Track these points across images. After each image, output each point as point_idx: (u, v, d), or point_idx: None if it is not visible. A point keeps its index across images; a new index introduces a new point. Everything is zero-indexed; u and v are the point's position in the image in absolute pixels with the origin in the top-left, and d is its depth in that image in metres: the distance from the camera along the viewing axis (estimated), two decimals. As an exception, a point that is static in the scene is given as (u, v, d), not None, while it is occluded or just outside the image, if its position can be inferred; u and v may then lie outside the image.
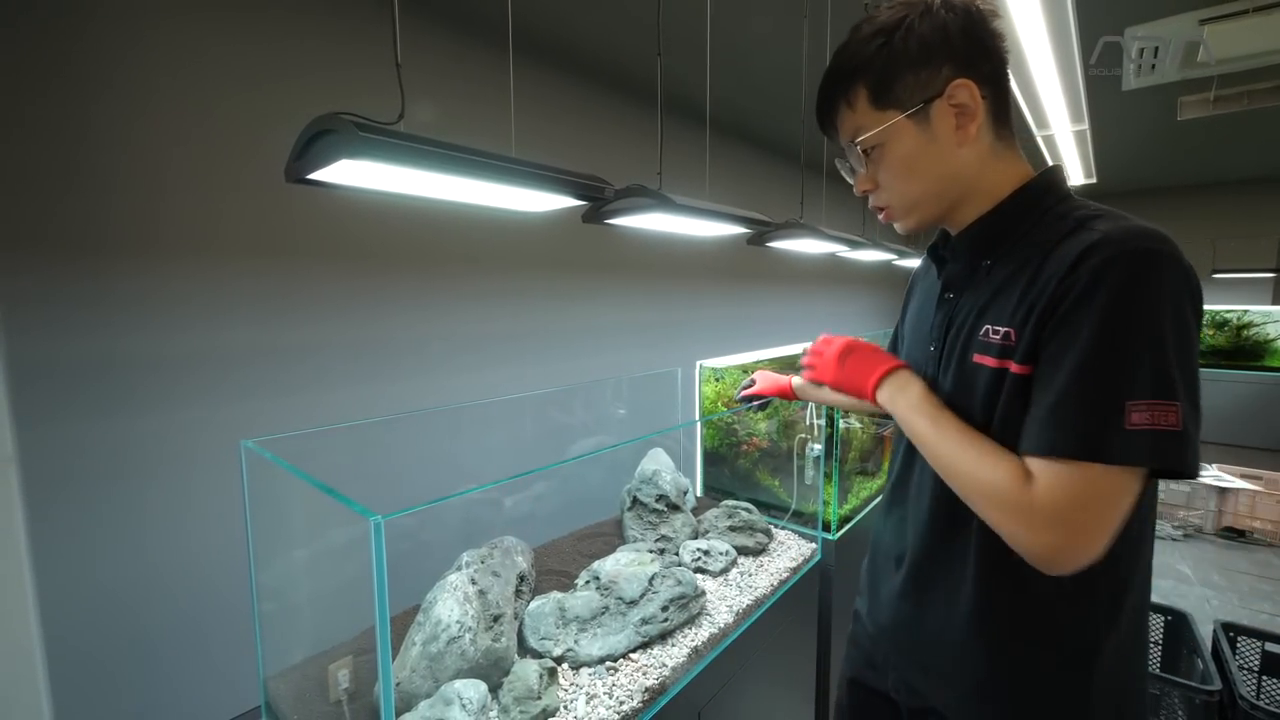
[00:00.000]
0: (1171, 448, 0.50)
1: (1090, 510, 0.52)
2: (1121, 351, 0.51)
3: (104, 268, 1.49)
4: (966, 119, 0.61)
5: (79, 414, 1.46)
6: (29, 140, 1.36)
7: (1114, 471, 0.51)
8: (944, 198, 0.66)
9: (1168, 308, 0.51)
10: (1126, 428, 0.50)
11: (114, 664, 1.51)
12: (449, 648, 0.92)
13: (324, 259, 1.86)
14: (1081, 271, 0.53)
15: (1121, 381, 0.51)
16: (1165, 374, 0.50)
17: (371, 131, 0.70)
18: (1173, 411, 0.50)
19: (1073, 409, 0.52)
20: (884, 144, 0.65)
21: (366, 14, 1.87)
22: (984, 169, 0.64)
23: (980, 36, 0.61)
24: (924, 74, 0.61)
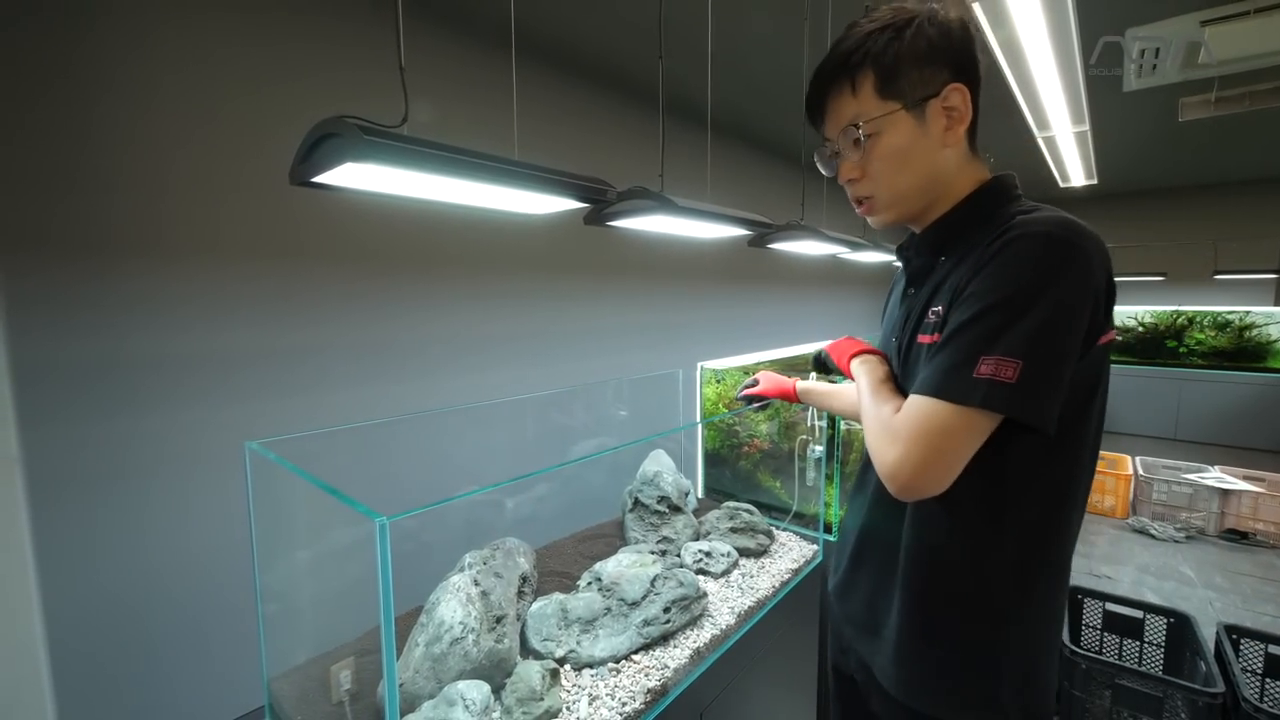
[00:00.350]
0: (1000, 396, 0.56)
1: (930, 439, 0.59)
2: (990, 313, 0.58)
3: (107, 268, 1.49)
4: (956, 121, 0.66)
5: (82, 414, 1.47)
6: (32, 141, 1.36)
7: (953, 409, 0.58)
8: (926, 193, 0.70)
9: (1043, 282, 0.57)
10: (973, 376, 0.57)
11: (117, 664, 1.51)
12: (452, 649, 0.93)
13: (326, 260, 1.87)
14: (991, 249, 0.61)
15: (983, 338, 0.58)
16: (1019, 337, 0.56)
17: (376, 135, 0.71)
18: (1013, 367, 0.56)
19: (943, 358, 0.60)
20: (881, 133, 0.68)
21: (369, 16, 1.88)
22: (959, 171, 0.70)
23: (973, 52, 0.67)
24: (928, 72, 0.65)
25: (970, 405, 0.57)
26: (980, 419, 0.58)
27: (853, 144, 0.70)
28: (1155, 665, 2.00)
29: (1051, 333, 0.57)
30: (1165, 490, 3.39)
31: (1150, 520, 3.36)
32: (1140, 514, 3.47)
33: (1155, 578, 2.81)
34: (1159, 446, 4.92)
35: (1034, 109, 3.47)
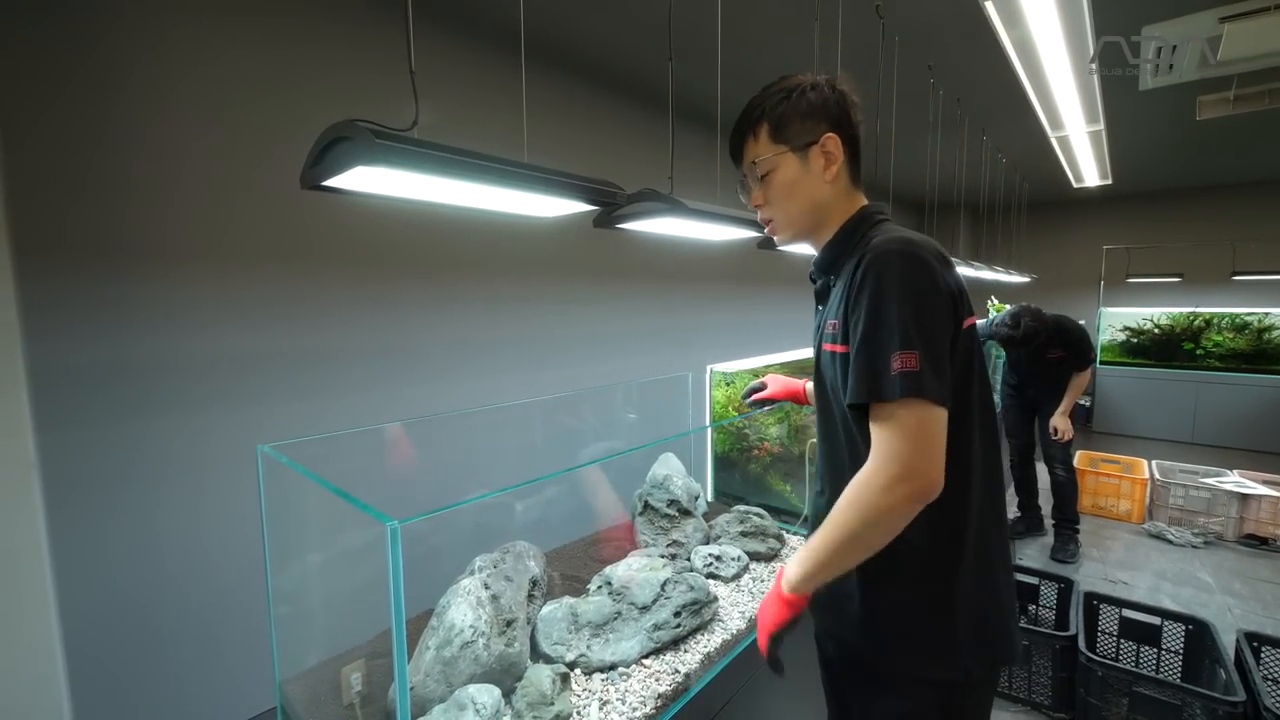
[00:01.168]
0: (915, 381, 0.69)
1: (905, 440, 0.70)
2: (880, 322, 0.72)
3: (120, 273, 1.51)
4: (831, 162, 0.84)
5: (96, 418, 1.48)
6: (46, 146, 1.38)
7: (897, 405, 0.70)
8: (813, 217, 0.87)
9: (902, 288, 0.72)
10: (890, 374, 0.70)
11: (130, 664, 1.52)
12: (462, 652, 0.93)
13: (335, 264, 1.88)
14: (859, 273, 0.76)
15: (883, 342, 0.72)
16: (906, 332, 0.71)
17: (387, 138, 0.71)
18: (914, 356, 0.70)
19: (861, 367, 0.73)
20: (775, 170, 0.86)
21: (378, 20, 1.89)
22: (838, 202, 0.87)
23: (847, 112, 0.85)
24: (809, 124, 0.84)
25: (898, 397, 0.70)
26: (919, 404, 0.70)
27: (757, 178, 0.88)
28: (1173, 673, 1.96)
29: (925, 321, 0.72)
30: (1183, 495, 3.33)
31: (1167, 525, 3.30)
32: (1157, 519, 3.41)
33: (1172, 584, 2.77)
34: (1176, 450, 4.84)
35: (1047, 109, 3.43)
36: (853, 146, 0.87)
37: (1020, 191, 5.34)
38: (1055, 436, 2.94)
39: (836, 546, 0.73)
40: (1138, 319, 5.53)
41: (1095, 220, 6.15)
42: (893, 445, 0.70)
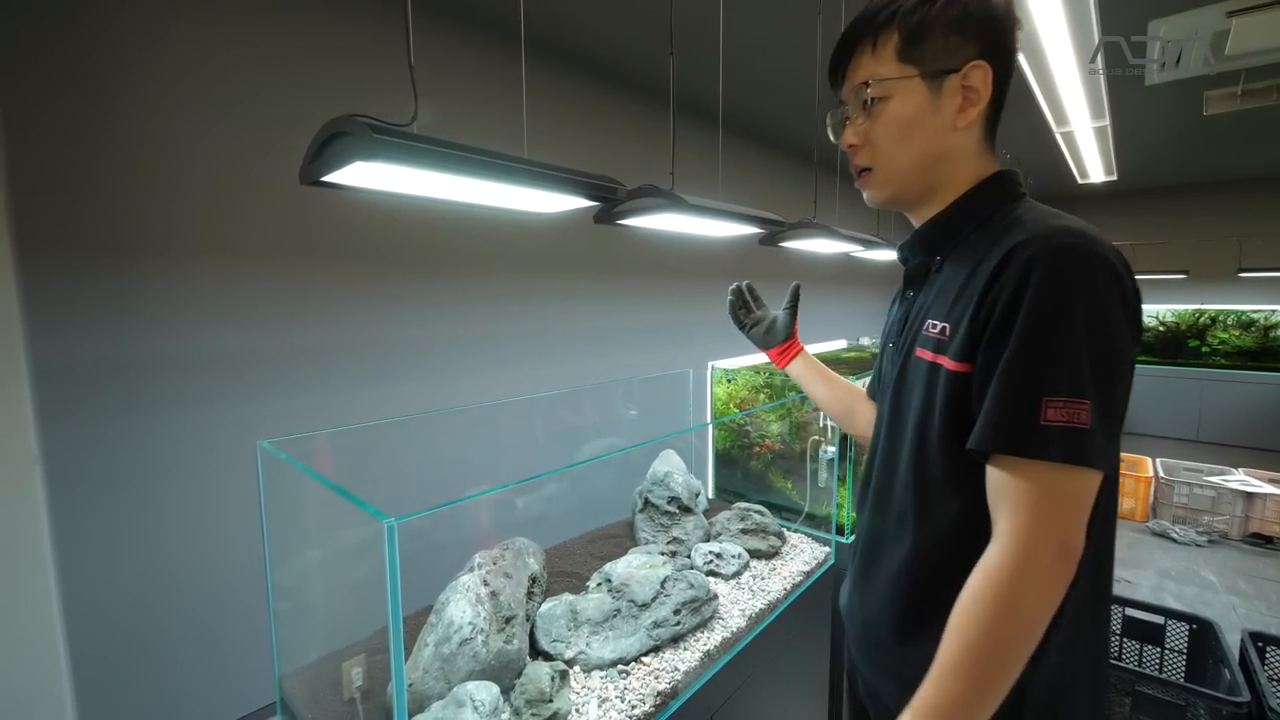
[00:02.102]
0: (1083, 444, 0.51)
1: (1059, 515, 0.53)
2: (1041, 350, 0.53)
3: (121, 269, 1.51)
4: (971, 103, 0.62)
5: (97, 413, 1.49)
6: (48, 142, 1.38)
7: (1050, 469, 0.52)
8: (926, 175, 0.66)
9: (1083, 306, 0.52)
10: (1044, 422, 0.52)
11: (132, 659, 1.53)
12: (461, 649, 0.92)
13: (335, 260, 1.88)
14: (1009, 272, 0.55)
15: (1042, 379, 0.52)
16: (1078, 371, 0.52)
17: (386, 133, 0.71)
18: (1084, 409, 0.51)
19: (1001, 405, 0.54)
20: (891, 97, 0.64)
21: (379, 14, 1.88)
22: (965, 160, 0.65)
23: (1009, 35, 0.63)
24: (954, 42, 0.61)
25: (1046, 459, 0.51)
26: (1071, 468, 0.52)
27: (861, 106, 0.66)
28: (1177, 673, 1.95)
29: (1108, 359, 0.53)
30: (1186, 493, 3.32)
31: (1171, 524, 3.29)
32: (1161, 517, 3.40)
33: (1176, 582, 2.75)
34: (1181, 448, 4.82)
35: (1052, 104, 3.41)
36: (1001, 87, 0.63)
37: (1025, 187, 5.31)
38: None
39: (993, 669, 0.52)
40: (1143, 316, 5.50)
41: (1100, 217, 6.11)
42: (1042, 525, 0.52)
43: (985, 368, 0.56)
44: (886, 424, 0.71)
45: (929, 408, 0.62)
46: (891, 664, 0.69)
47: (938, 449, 0.61)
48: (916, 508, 0.64)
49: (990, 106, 0.64)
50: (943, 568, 0.61)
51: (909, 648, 0.65)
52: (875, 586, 0.71)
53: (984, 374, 0.56)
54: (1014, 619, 0.52)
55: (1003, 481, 0.55)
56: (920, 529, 0.64)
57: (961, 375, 0.58)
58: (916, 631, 0.64)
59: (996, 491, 0.55)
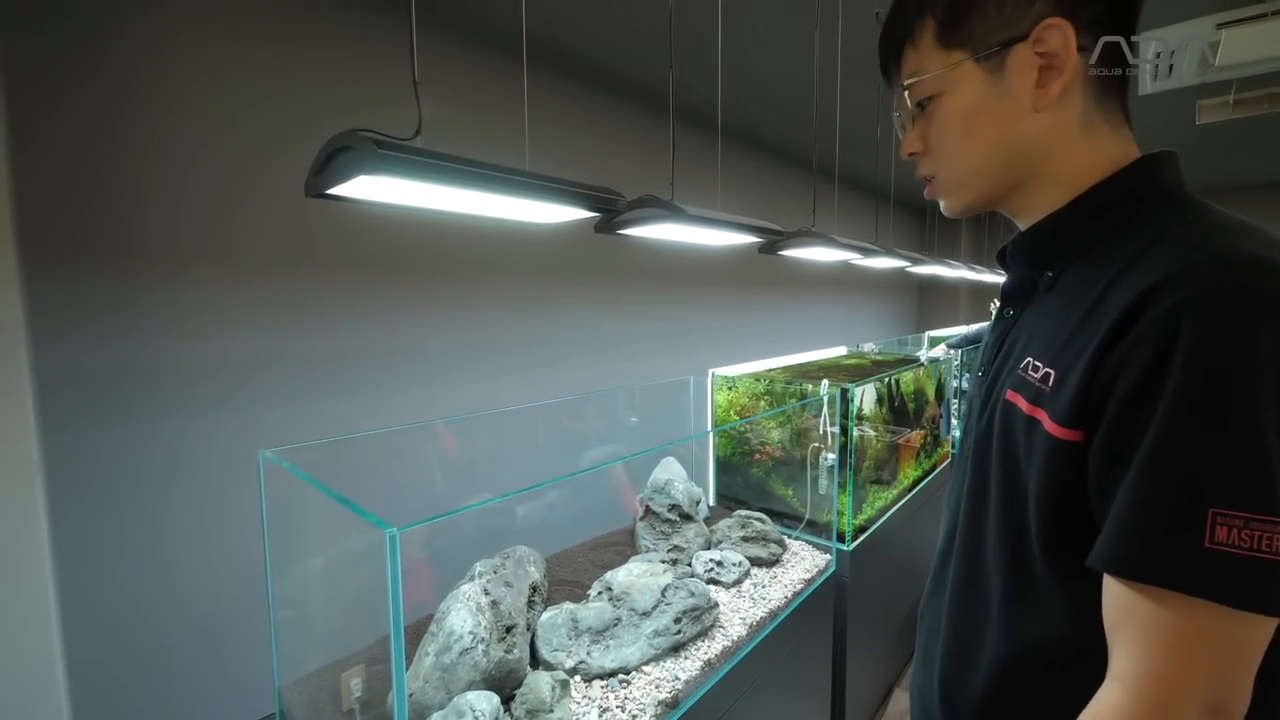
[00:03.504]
0: (1267, 583, 0.36)
1: (1218, 668, 0.38)
2: (1202, 440, 0.38)
3: (126, 277, 1.52)
4: (1052, 74, 0.47)
5: (100, 421, 1.49)
6: (54, 151, 1.40)
7: (1208, 610, 0.37)
8: (1005, 174, 0.52)
9: (1271, 375, 0.37)
10: (1208, 545, 0.37)
11: (130, 667, 1.53)
12: (461, 659, 0.92)
13: (339, 268, 1.89)
14: (1146, 323, 0.40)
15: (1202, 483, 0.37)
16: (1260, 477, 0.36)
17: (389, 148, 0.71)
18: (1273, 530, 0.36)
19: (1140, 512, 0.39)
20: (943, 93, 0.52)
21: (383, 25, 1.90)
22: (1063, 145, 0.50)
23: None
24: (1009, 6, 0.48)
25: (1209, 597, 0.37)
26: (1227, 620, 0.37)
27: (915, 109, 0.55)
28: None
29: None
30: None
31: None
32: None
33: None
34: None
35: (1048, 113, 3.44)
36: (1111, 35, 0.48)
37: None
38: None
39: None
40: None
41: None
42: (1187, 672, 0.38)
43: (1110, 451, 0.41)
44: (970, 481, 0.56)
45: (1024, 478, 0.48)
46: None
47: (1038, 535, 0.48)
48: (1006, 597, 0.51)
49: (1096, 70, 0.48)
50: (1041, 678, 0.50)
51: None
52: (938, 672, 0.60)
53: (1108, 459, 0.42)
54: None
55: (1132, 606, 0.40)
56: (1011, 624, 0.51)
57: (1069, 445, 0.44)
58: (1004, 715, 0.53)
59: (1121, 615, 0.41)
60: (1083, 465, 0.44)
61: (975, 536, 0.55)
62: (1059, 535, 0.46)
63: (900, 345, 4.51)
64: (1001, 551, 0.52)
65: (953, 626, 0.58)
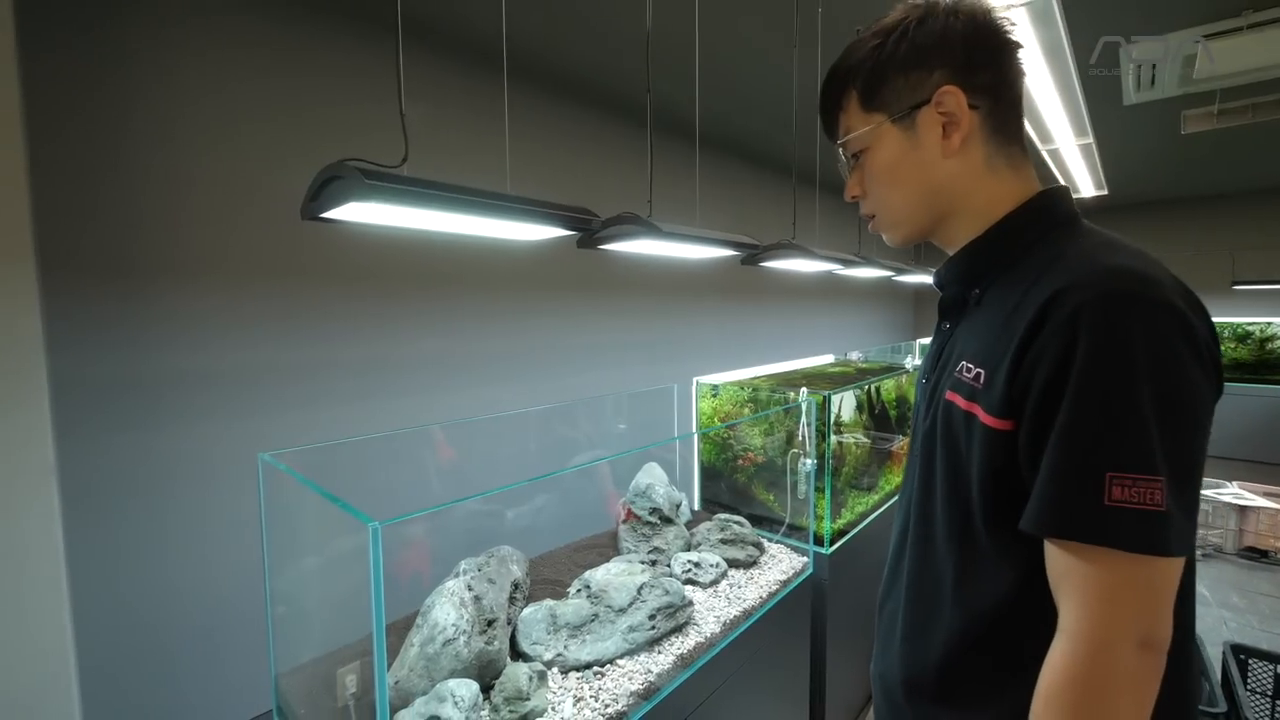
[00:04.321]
0: (1158, 530, 0.45)
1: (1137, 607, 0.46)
2: (1101, 417, 0.46)
3: (132, 290, 1.60)
4: (953, 128, 0.59)
5: (105, 427, 1.57)
6: (65, 174, 1.48)
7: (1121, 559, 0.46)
8: (930, 211, 0.64)
9: (1149, 365, 0.46)
10: (1109, 503, 0.45)
11: (137, 665, 1.60)
12: (444, 649, 0.99)
13: (332, 281, 1.97)
14: (1052, 324, 0.49)
15: (1104, 451, 0.46)
16: (1145, 443, 0.45)
17: (376, 178, 0.79)
18: (1157, 487, 0.45)
19: (1057, 482, 0.48)
20: (870, 148, 0.64)
21: (371, 49, 1.99)
22: (974, 185, 0.61)
23: (985, 45, 0.59)
24: (913, 78, 0.60)
25: (1109, 545, 0.46)
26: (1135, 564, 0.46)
27: (850, 159, 0.67)
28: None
29: (1181, 424, 0.47)
30: (1179, 506, 3.34)
31: (1164, 536, 3.31)
32: (1155, 530, 3.41)
33: (1167, 595, 2.77)
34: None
35: (1034, 122, 3.50)
36: (996, 97, 0.59)
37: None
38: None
39: None
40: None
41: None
42: (1119, 617, 0.46)
43: (1034, 434, 0.50)
44: (920, 474, 0.65)
45: (965, 465, 0.56)
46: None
47: (981, 516, 0.55)
48: (958, 576, 0.58)
49: (989, 122, 0.59)
50: (993, 643, 0.56)
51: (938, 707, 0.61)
52: (899, 653, 0.66)
53: (1032, 440, 0.50)
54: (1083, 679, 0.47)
55: (1064, 565, 0.48)
56: (964, 600, 0.58)
57: (1002, 433, 0.52)
58: (946, 706, 0.60)
59: (1060, 575, 0.49)
60: (1014, 450, 0.52)
61: (927, 525, 0.63)
62: (999, 512, 0.54)
63: (892, 353, 4.55)
64: (951, 535, 0.59)
65: (910, 609, 0.65)
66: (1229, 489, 3.37)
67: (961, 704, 0.60)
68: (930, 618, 0.62)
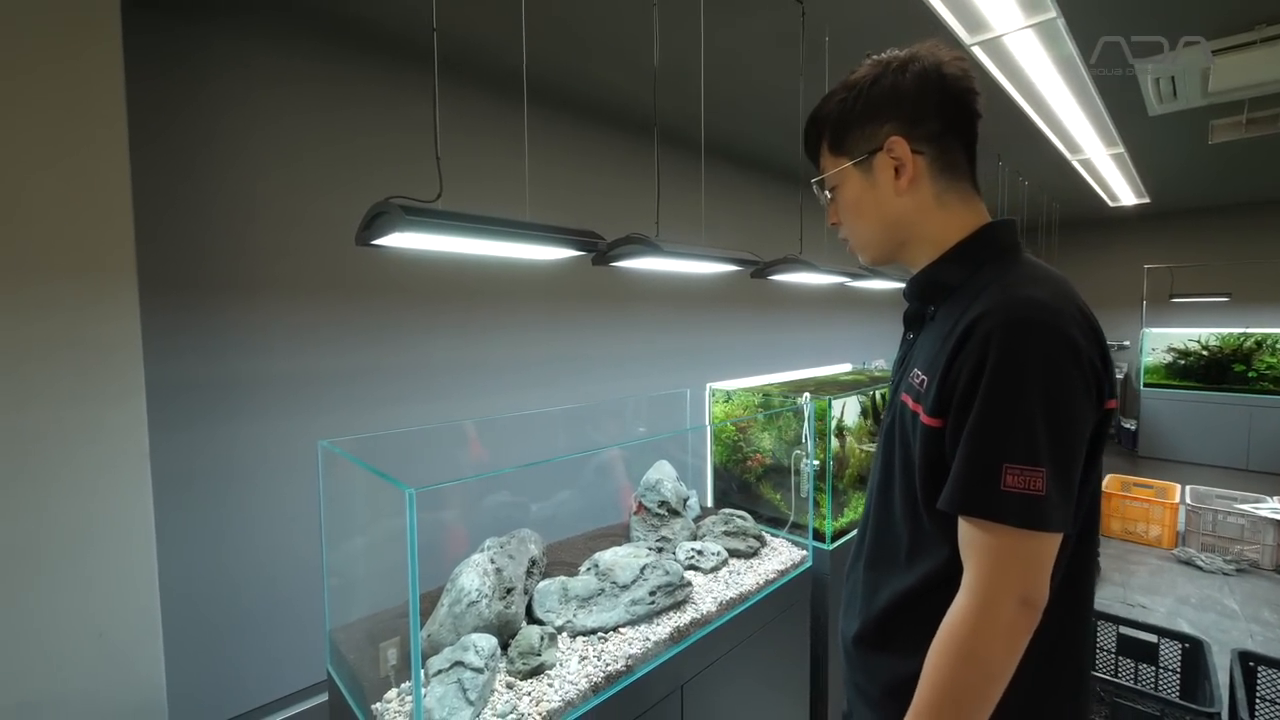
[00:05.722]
0: (1037, 510, 0.56)
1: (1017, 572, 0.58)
2: (999, 419, 0.58)
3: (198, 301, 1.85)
4: (902, 171, 0.70)
5: (175, 421, 1.80)
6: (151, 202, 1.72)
7: (1007, 533, 0.57)
8: (889, 239, 0.75)
9: (1039, 379, 0.57)
10: (1004, 489, 0.57)
11: (214, 622, 1.84)
12: (469, 610, 1.16)
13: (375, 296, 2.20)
14: (972, 343, 0.60)
15: (1000, 447, 0.58)
16: (1033, 441, 0.57)
17: (415, 213, 0.97)
18: (1039, 476, 0.57)
19: (964, 470, 0.60)
20: (839, 186, 0.76)
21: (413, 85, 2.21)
22: (926, 217, 0.72)
23: (929, 98, 0.68)
24: (869, 130, 0.71)
25: (1006, 523, 0.57)
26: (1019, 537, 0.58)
27: (826, 196, 0.79)
28: (1171, 690, 1.98)
29: (1061, 425, 0.57)
30: (1212, 520, 3.25)
31: (1198, 551, 3.22)
32: (1189, 545, 3.33)
33: (1195, 609, 2.72)
34: (1230, 477, 4.64)
35: (1060, 135, 3.50)
36: (943, 143, 0.69)
37: (1049, 211, 5.30)
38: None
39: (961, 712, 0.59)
40: (1184, 340, 5.34)
41: (1135, 239, 6.00)
42: (1005, 580, 0.58)
43: (954, 430, 0.61)
44: (881, 464, 0.76)
45: (912, 456, 0.68)
46: (871, 677, 0.74)
47: (923, 498, 0.67)
48: (909, 549, 0.70)
49: (936, 164, 0.70)
50: (925, 604, 0.67)
51: (887, 663, 0.72)
52: (857, 610, 0.77)
53: (953, 435, 0.62)
54: (977, 666, 0.58)
55: (969, 536, 0.61)
56: (912, 566, 0.70)
57: (935, 430, 0.64)
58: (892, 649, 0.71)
59: (965, 544, 0.61)
60: (943, 443, 0.64)
61: (886, 508, 0.74)
62: (936, 496, 0.65)
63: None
64: (904, 515, 0.71)
65: (870, 578, 0.77)
66: (1268, 504, 3.27)
67: (894, 651, 0.72)
68: (883, 583, 0.74)
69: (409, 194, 1.08)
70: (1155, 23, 2.21)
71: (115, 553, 1.42)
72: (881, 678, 0.73)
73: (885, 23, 2.10)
